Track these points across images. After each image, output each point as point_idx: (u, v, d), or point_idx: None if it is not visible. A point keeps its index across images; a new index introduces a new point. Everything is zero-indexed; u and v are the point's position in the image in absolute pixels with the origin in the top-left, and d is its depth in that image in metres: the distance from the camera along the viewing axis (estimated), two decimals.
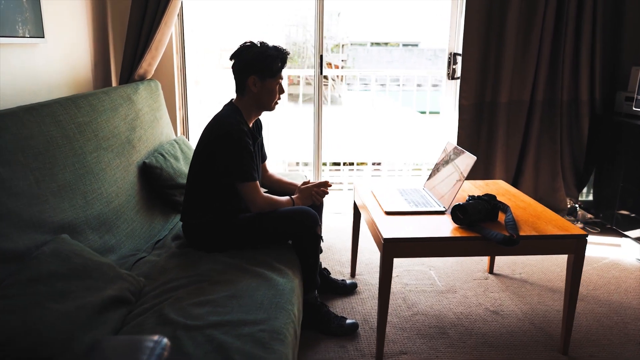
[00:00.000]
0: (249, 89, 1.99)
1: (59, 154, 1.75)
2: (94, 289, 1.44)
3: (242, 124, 1.96)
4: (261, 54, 1.97)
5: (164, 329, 1.40)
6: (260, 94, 2.00)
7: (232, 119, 1.94)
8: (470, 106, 3.28)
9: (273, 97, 2.03)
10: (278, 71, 2.00)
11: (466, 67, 3.22)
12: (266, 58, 1.96)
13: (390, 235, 1.84)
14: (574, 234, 1.88)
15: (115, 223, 1.98)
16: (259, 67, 1.96)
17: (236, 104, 2.03)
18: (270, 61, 1.97)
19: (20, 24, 1.94)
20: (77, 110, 1.96)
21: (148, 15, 2.78)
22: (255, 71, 1.97)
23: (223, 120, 1.96)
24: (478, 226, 1.89)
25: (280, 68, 2.01)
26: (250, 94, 2.01)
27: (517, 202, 2.22)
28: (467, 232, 1.88)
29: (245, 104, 2.03)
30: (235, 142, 1.90)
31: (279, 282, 1.71)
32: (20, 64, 2.02)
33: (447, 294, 2.45)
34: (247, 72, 1.97)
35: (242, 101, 2.03)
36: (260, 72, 1.97)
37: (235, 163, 1.92)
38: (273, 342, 1.38)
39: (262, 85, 1.99)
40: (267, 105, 2.05)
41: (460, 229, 1.90)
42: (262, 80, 1.98)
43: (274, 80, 2.00)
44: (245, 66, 1.98)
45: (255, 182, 1.95)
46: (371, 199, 2.25)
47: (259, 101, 2.02)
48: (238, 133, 1.91)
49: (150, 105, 2.65)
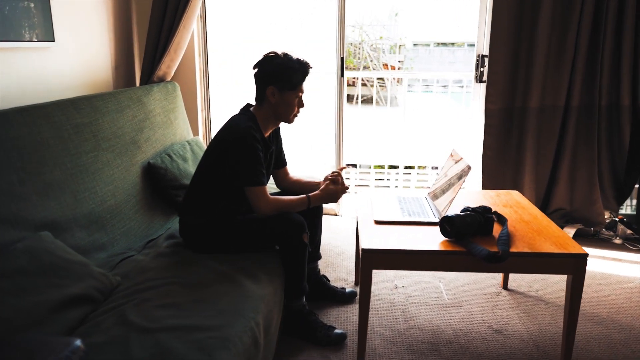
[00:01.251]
0: (267, 99, 2.00)
1: (50, 154, 1.83)
2: (57, 286, 1.48)
3: (255, 130, 1.95)
4: (282, 65, 1.96)
5: (119, 330, 1.42)
6: (278, 105, 2.00)
7: (245, 124, 1.95)
8: (497, 111, 3.11)
9: (291, 110, 2.02)
10: (298, 84, 1.99)
11: (493, 70, 3.05)
12: (287, 70, 1.96)
13: (370, 245, 1.77)
14: (572, 252, 1.73)
15: (110, 221, 2.05)
16: (279, 79, 1.96)
17: (253, 112, 2.04)
18: (291, 73, 1.96)
19: (27, 28, 2.05)
20: (76, 111, 2.04)
21: (167, 18, 2.86)
22: (274, 82, 1.97)
23: (237, 125, 1.97)
24: (466, 240, 1.78)
25: (300, 81, 2.00)
26: (268, 104, 2.01)
27: (522, 215, 2.07)
28: (453, 245, 1.77)
29: (262, 113, 2.03)
30: (247, 147, 1.91)
31: (249, 288, 1.69)
32: (30, 67, 2.13)
33: (451, 308, 2.33)
34: (267, 82, 1.98)
35: (259, 110, 2.04)
36: (280, 83, 1.96)
37: (245, 167, 1.92)
38: (219, 350, 1.36)
39: (280, 96, 1.98)
40: (284, 117, 2.04)
41: (448, 243, 1.80)
42: (280, 92, 1.98)
43: (293, 93, 1.99)
44: (266, 76, 1.98)
45: (261, 187, 1.95)
46: (367, 206, 2.18)
47: (276, 112, 2.02)
48: (250, 139, 1.91)
49: (164, 107, 2.72)
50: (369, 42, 11.20)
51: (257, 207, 1.95)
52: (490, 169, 3.19)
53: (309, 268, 2.31)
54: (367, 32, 11.22)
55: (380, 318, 2.24)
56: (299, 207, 2.03)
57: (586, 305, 2.36)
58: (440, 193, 2.14)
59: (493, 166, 3.19)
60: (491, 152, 3.17)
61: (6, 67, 1.98)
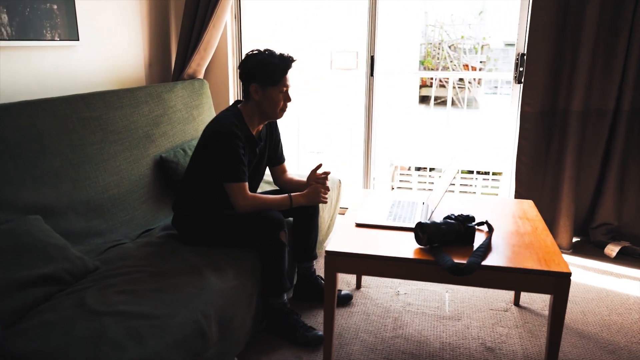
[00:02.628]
0: (252, 96, 2.03)
1: (50, 144, 1.98)
2: (27, 266, 1.60)
3: (237, 127, 1.98)
4: (262, 61, 1.99)
5: (72, 310, 1.50)
6: (261, 101, 2.02)
7: (227, 121, 1.99)
8: (535, 114, 2.88)
9: (275, 105, 2.03)
10: (279, 79, 2.00)
11: (532, 69, 2.83)
12: (267, 66, 1.98)
13: (335, 248, 1.73)
14: (553, 270, 1.56)
15: (111, 210, 2.18)
16: (260, 75, 1.98)
17: (240, 108, 2.08)
18: (271, 69, 1.98)
19: (49, 28, 2.23)
20: (85, 106, 2.19)
21: (199, 17, 2.98)
22: (256, 79, 1.99)
23: (219, 121, 2.02)
24: (437, 249, 1.68)
25: (281, 76, 2.00)
26: (253, 101, 2.04)
27: (520, 227, 1.91)
28: (424, 254, 1.68)
29: (248, 109, 2.07)
30: (226, 143, 1.95)
31: (210, 282, 1.72)
32: (53, 65, 2.32)
33: (448, 320, 2.20)
34: (249, 79, 2.01)
35: (245, 106, 2.08)
36: (262, 80, 1.99)
37: (223, 163, 1.97)
38: (152, 338, 1.40)
39: (263, 93, 2.00)
40: (271, 113, 2.06)
41: (421, 251, 1.70)
42: (263, 89, 2.00)
43: (276, 88, 2.00)
44: (248, 74, 2.01)
45: (240, 183, 1.98)
46: (357, 208, 2.12)
47: (261, 109, 2.05)
48: (227, 135, 1.95)
49: (188, 103, 2.83)
50: (448, 42, 10.83)
51: (236, 204, 1.98)
52: (526, 177, 2.96)
53: (304, 267, 2.30)
54: (447, 32, 10.85)
55: (368, 323, 2.17)
56: (279, 206, 2.03)
57: (598, 329, 2.12)
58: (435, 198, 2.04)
59: (529, 174, 2.96)
60: (527, 158, 2.94)
61: (26, 64, 2.17)
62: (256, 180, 2.22)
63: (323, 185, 2.09)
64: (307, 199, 2.07)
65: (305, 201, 2.07)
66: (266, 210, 1.99)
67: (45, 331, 1.41)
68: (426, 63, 10.96)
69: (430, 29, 10.98)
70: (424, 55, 11.04)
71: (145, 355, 1.35)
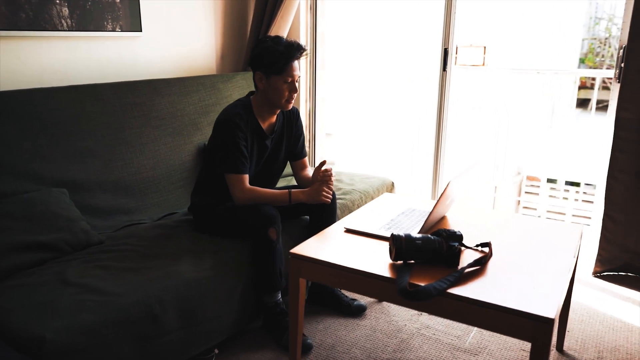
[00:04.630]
0: (257, 85, 2.01)
1: (88, 126, 2.16)
2: (29, 231, 1.77)
3: (240, 117, 1.97)
4: (267, 49, 1.95)
5: (49, 277, 1.62)
6: (266, 91, 1.99)
7: (231, 111, 2.00)
8: (636, 121, 2.34)
9: (279, 95, 1.98)
10: (283, 68, 1.94)
11: (632, 67, 2.31)
12: (270, 54, 1.93)
13: (300, 251, 1.61)
14: (532, 313, 1.25)
15: (143, 191, 2.31)
16: (264, 63, 1.95)
17: (252, 98, 2.07)
18: (274, 58, 1.93)
19: (110, 20, 2.44)
20: (131, 92, 2.35)
21: (268, 7, 3.01)
22: (260, 67, 1.97)
23: (225, 110, 2.04)
24: (408, 267, 1.46)
25: (284, 65, 1.94)
26: (260, 91, 2.02)
27: (538, 256, 1.57)
28: (393, 271, 1.47)
29: (257, 99, 2.05)
30: (222, 132, 1.96)
31: (181, 269, 1.73)
32: (115, 55, 2.53)
33: (463, 353, 1.91)
34: (255, 68, 2.00)
35: (255, 97, 2.06)
36: (265, 68, 1.95)
37: (221, 152, 1.98)
38: (90, 312, 1.45)
39: (267, 82, 1.97)
40: (276, 103, 2.01)
41: (392, 266, 1.50)
42: (267, 77, 1.96)
43: (280, 77, 1.95)
44: (253, 62, 2.00)
45: (238, 175, 1.96)
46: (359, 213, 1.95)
47: (267, 98, 2.01)
48: (227, 124, 1.95)
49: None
50: (617, 37, 9.39)
51: (233, 195, 1.96)
52: (619, 197, 2.43)
53: None
54: (617, 25, 9.42)
55: (369, 340, 1.99)
56: (277, 201, 1.95)
57: None
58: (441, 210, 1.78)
59: (624, 193, 2.42)
60: (623, 174, 2.41)
61: (87, 53, 2.41)
62: (270, 175, 2.17)
63: (327, 183, 1.96)
64: (307, 197, 1.96)
65: (305, 198, 1.96)
66: (262, 204, 1.93)
67: (15, 292, 1.55)
68: (587, 61, 9.68)
69: (593, 22, 9.66)
70: (585, 52, 9.76)
71: (75, 325, 1.39)
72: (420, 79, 5.12)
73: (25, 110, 2.01)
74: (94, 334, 1.43)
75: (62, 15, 2.26)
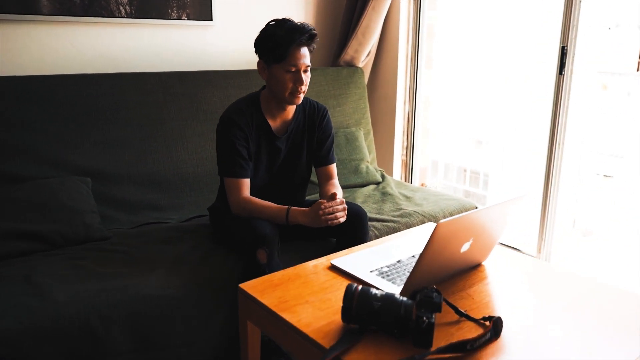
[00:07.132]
0: (262, 77, 1.72)
1: (126, 115, 2.07)
2: (23, 219, 1.70)
3: (241, 114, 1.69)
4: (265, 33, 1.65)
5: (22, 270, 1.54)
6: (269, 81, 1.69)
7: (233, 106, 1.73)
8: None
9: (282, 87, 1.65)
10: (283, 56, 1.61)
11: None
12: (269, 38, 1.63)
13: (251, 287, 1.25)
14: None
15: (180, 187, 2.16)
16: (264, 50, 1.65)
17: (262, 93, 1.77)
18: (274, 43, 1.61)
19: (175, 8, 2.34)
20: (180, 82, 2.22)
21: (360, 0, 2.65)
22: (261, 54, 1.68)
23: (229, 107, 1.77)
24: (355, 334, 1.02)
25: (285, 52, 1.60)
26: (266, 83, 1.73)
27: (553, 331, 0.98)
28: (338, 335, 1.05)
29: (265, 94, 1.75)
30: (219, 131, 1.72)
31: (145, 283, 1.51)
32: (182, 43, 2.42)
33: None
34: (258, 55, 1.70)
35: (264, 90, 1.77)
36: (265, 55, 1.66)
37: (218, 154, 1.74)
38: (15, 318, 1.32)
39: (269, 71, 1.67)
40: (279, 97, 1.68)
41: (343, 329, 1.07)
42: (268, 66, 1.66)
43: (280, 66, 1.63)
44: (255, 48, 1.70)
45: (235, 179, 1.68)
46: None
47: (272, 91, 1.70)
48: (224, 123, 1.70)
49: (322, 92, 2.58)
50: None
51: (229, 201, 1.68)
52: None
53: None
54: None
55: None
56: (274, 217, 1.61)
57: None
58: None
59: None
60: None
61: (150, 40, 2.33)
62: (291, 185, 1.83)
63: (332, 206, 1.55)
64: (307, 218, 1.57)
65: (304, 220, 1.58)
66: (258, 219, 1.61)
67: None
68: None
69: None
70: None
71: None
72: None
73: (56, 95, 1.95)
74: (8, 342, 1.28)
75: (120, 1, 2.22)
